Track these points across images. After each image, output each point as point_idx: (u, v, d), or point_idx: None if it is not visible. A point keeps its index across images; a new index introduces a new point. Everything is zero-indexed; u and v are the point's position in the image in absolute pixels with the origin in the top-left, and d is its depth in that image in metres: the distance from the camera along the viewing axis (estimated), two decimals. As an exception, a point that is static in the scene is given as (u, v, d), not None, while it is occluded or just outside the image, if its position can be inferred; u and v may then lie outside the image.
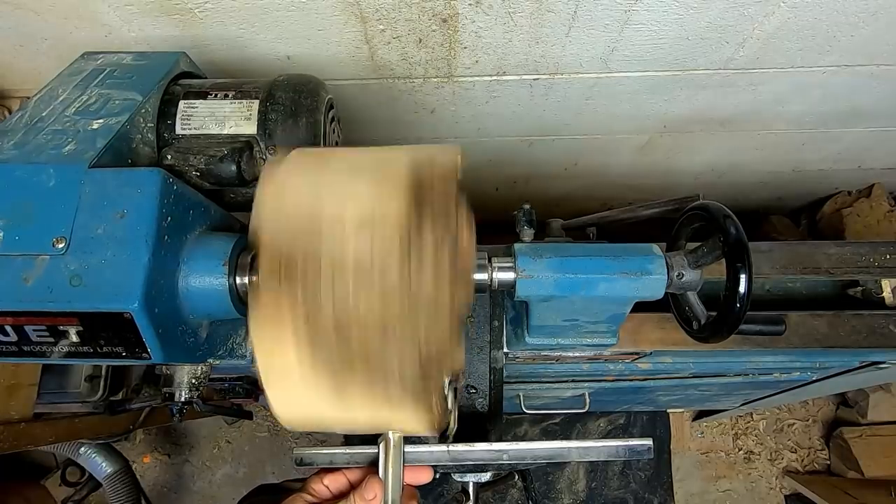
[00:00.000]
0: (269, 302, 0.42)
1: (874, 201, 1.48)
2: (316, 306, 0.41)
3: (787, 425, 2.17)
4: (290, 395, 0.44)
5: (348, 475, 0.56)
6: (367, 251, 0.41)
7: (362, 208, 0.42)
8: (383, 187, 0.43)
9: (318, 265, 0.41)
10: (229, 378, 1.34)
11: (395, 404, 0.45)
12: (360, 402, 0.44)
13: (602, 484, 2.05)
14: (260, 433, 2.18)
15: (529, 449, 0.56)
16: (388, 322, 0.42)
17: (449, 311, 0.44)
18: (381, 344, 0.42)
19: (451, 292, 0.43)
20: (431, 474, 0.56)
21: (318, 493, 0.55)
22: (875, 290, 0.85)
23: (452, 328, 0.45)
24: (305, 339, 0.42)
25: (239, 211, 0.64)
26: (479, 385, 0.72)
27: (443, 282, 0.43)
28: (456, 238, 0.44)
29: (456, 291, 0.44)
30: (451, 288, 0.43)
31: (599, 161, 1.32)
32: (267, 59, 0.86)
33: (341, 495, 0.54)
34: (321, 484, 0.55)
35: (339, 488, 0.55)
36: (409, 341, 0.42)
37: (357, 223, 0.42)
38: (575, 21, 0.79)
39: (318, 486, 0.55)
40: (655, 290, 0.58)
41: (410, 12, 0.77)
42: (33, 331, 0.45)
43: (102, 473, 1.60)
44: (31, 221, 0.45)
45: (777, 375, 1.05)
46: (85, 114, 0.55)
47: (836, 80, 0.96)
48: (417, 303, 0.42)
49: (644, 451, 0.56)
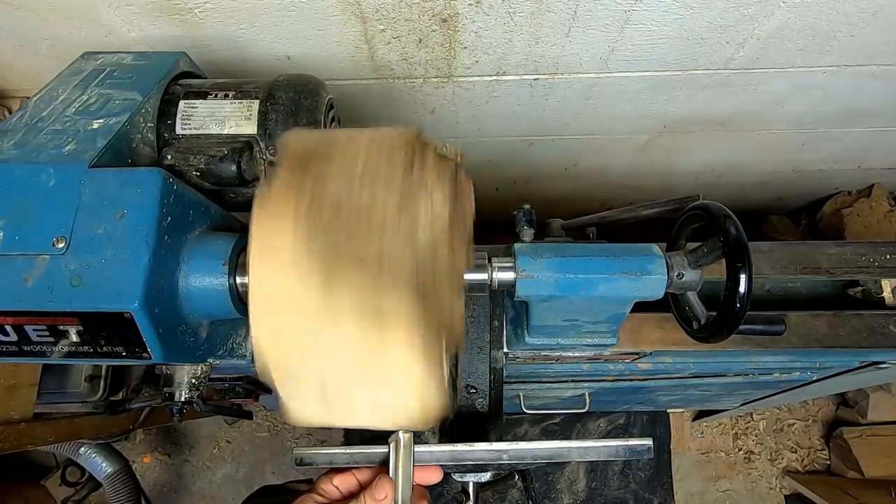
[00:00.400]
0: (278, 187, 0.44)
1: (874, 201, 1.48)
2: (320, 193, 0.43)
3: (787, 425, 2.17)
4: (275, 283, 0.42)
5: (358, 475, 0.56)
6: (375, 158, 0.46)
7: (374, 134, 0.48)
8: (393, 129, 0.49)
9: (330, 164, 0.45)
10: (229, 378, 1.34)
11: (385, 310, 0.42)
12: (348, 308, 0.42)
13: (602, 484, 2.05)
14: (260, 433, 2.18)
15: (529, 449, 0.56)
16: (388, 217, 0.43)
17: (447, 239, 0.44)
18: (378, 237, 0.42)
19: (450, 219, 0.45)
20: (441, 474, 0.56)
21: (328, 493, 0.55)
22: (875, 290, 0.85)
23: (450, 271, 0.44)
24: (305, 220, 0.42)
25: (239, 211, 0.64)
26: (479, 385, 0.72)
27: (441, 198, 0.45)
28: (456, 174, 0.47)
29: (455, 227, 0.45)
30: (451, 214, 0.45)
31: (599, 161, 1.32)
32: (267, 59, 0.86)
33: (351, 495, 0.54)
34: (331, 484, 0.55)
35: (349, 488, 0.55)
36: (405, 242, 0.43)
37: (368, 141, 0.47)
38: (575, 21, 0.79)
39: (328, 486, 0.55)
40: (655, 290, 0.58)
41: (410, 12, 0.77)
42: (33, 331, 0.45)
43: (102, 473, 1.60)
44: (32, 221, 0.45)
45: (777, 375, 1.05)
46: (85, 114, 0.55)
47: (836, 80, 0.96)
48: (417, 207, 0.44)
49: (644, 451, 0.56)
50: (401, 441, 0.52)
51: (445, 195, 0.45)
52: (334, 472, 0.56)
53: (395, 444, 0.52)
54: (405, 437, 0.52)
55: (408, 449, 0.52)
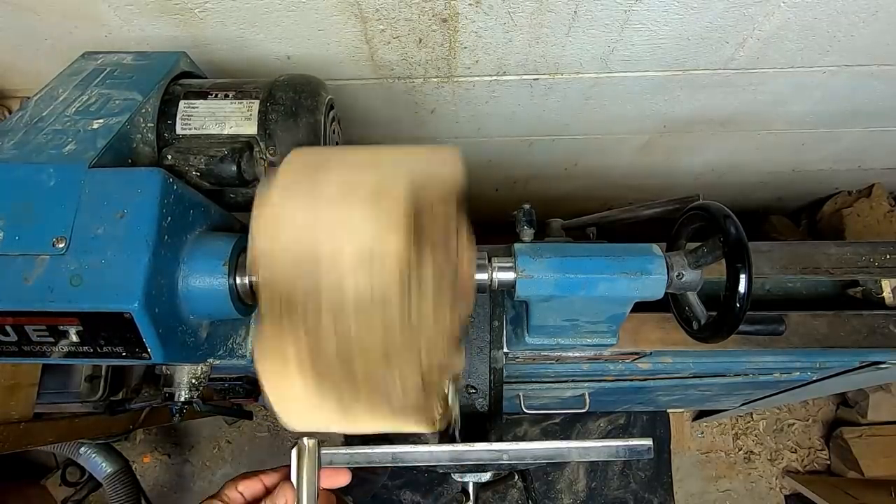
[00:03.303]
0: (273, 337, 0.43)
1: (874, 201, 1.48)
2: (318, 341, 0.42)
3: (787, 425, 2.17)
4: (299, 415, 0.47)
5: (265, 480, 0.55)
6: (367, 288, 0.40)
7: (361, 244, 0.41)
8: (381, 220, 0.41)
9: (319, 303, 0.41)
10: (229, 378, 1.34)
11: (398, 415, 0.46)
12: (365, 418, 0.46)
13: (602, 484, 2.05)
14: (260, 433, 2.18)
15: (529, 449, 0.56)
16: (390, 351, 0.42)
17: (450, 331, 0.45)
18: (383, 369, 0.43)
19: (452, 315, 0.44)
20: (349, 476, 0.56)
21: (232, 499, 0.54)
22: (875, 290, 0.85)
23: (453, 342, 0.45)
24: (310, 370, 0.43)
25: (239, 211, 0.64)
26: (479, 385, 0.72)
27: (443, 309, 0.43)
28: (456, 266, 0.44)
29: (456, 312, 0.45)
30: (452, 312, 0.44)
31: (599, 161, 1.32)
32: (267, 59, 0.86)
33: (255, 501, 0.54)
34: (235, 490, 0.54)
35: (253, 494, 0.55)
36: (410, 363, 0.43)
37: (356, 259, 0.41)
38: (575, 21, 0.79)
39: (233, 492, 0.54)
40: (655, 290, 0.58)
41: (410, 12, 0.77)
42: (33, 331, 0.45)
43: (102, 473, 1.60)
44: (32, 221, 0.45)
45: (777, 375, 1.05)
46: (85, 114, 0.55)
47: (836, 80, 0.96)
48: (419, 331, 0.43)
49: (644, 451, 0.56)
50: (304, 447, 0.51)
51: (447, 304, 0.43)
52: (241, 478, 0.56)
53: (297, 450, 0.52)
54: (309, 444, 0.52)
55: (312, 454, 0.51)
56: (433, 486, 1.98)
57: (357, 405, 0.45)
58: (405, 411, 0.46)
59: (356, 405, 0.45)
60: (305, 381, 0.44)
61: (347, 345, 0.42)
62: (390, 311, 0.41)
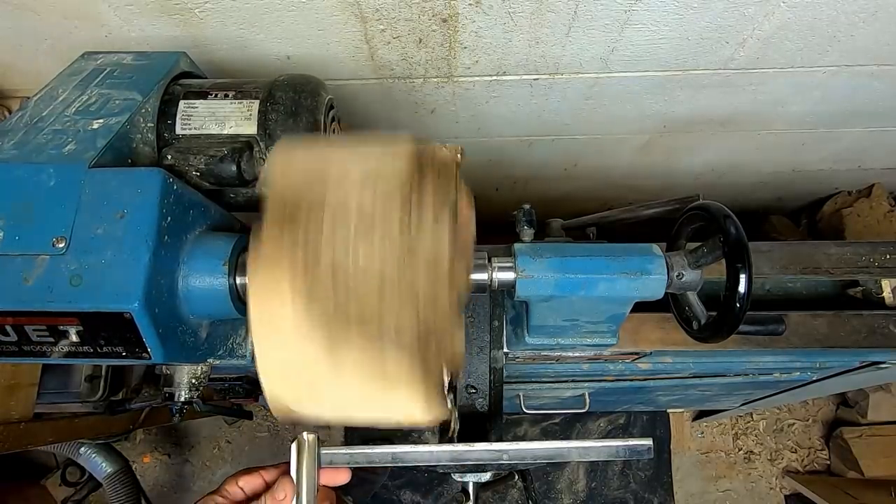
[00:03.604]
0: (271, 247, 0.42)
1: (874, 201, 1.48)
2: (315, 252, 0.41)
3: (787, 425, 2.17)
4: (280, 350, 0.43)
5: (265, 475, 0.55)
6: (370, 202, 0.42)
7: (367, 166, 0.44)
8: (388, 152, 0.45)
9: (322, 213, 0.42)
10: (229, 378, 1.34)
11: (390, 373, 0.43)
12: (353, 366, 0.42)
13: (602, 484, 2.05)
14: (260, 433, 2.18)
15: (529, 449, 0.56)
16: (386, 273, 0.41)
17: (448, 280, 0.43)
18: (377, 298, 0.42)
19: (451, 258, 0.43)
20: (349, 475, 0.56)
21: (232, 494, 0.54)
22: (875, 290, 0.85)
23: (451, 305, 0.44)
24: (302, 286, 0.41)
25: (239, 211, 0.64)
26: (479, 385, 0.72)
27: (441, 242, 0.43)
28: (456, 205, 0.45)
29: (455, 262, 0.44)
30: (451, 252, 0.43)
31: (599, 161, 1.32)
32: (267, 59, 0.86)
33: (255, 496, 0.54)
34: (236, 485, 0.54)
35: (254, 489, 0.55)
36: (406, 299, 0.42)
37: (361, 177, 0.43)
38: (575, 21, 0.79)
39: (233, 487, 0.54)
40: (655, 290, 0.58)
41: (410, 12, 0.77)
42: (33, 331, 0.45)
43: (102, 473, 1.60)
44: (32, 221, 0.45)
45: (777, 375, 1.05)
46: (85, 114, 0.55)
47: (836, 80, 0.96)
48: (416, 258, 0.42)
49: (644, 451, 0.56)
50: (304, 442, 0.51)
51: (446, 235, 0.43)
52: (241, 473, 0.56)
53: (297, 444, 0.51)
54: (309, 438, 0.51)
55: (312, 450, 0.51)
56: (433, 486, 1.98)
57: (345, 344, 0.42)
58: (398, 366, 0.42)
59: (345, 343, 0.42)
60: (296, 298, 0.41)
61: (344, 259, 0.41)
62: (390, 226, 0.42)
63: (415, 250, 0.42)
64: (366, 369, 0.42)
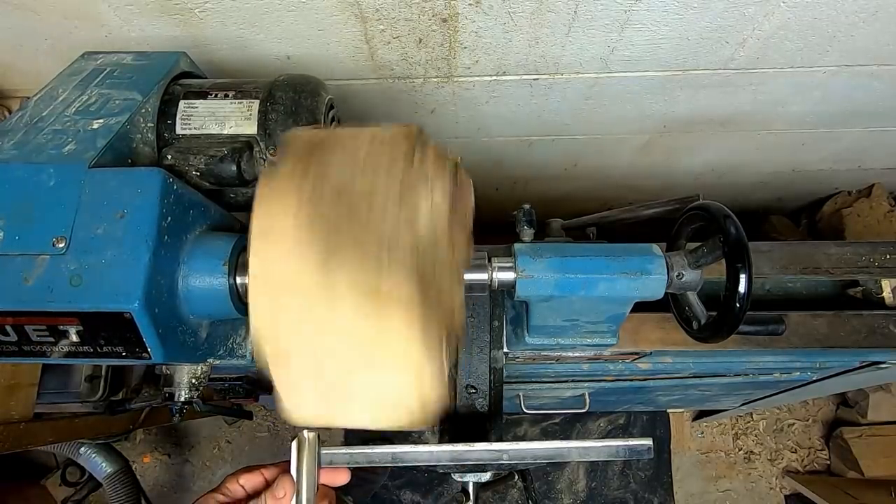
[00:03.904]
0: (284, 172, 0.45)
1: (874, 201, 1.48)
2: (323, 177, 0.44)
3: (787, 425, 2.17)
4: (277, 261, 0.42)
5: (266, 474, 0.55)
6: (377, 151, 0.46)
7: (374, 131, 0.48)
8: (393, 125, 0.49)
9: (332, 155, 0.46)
10: (229, 378, 1.34)
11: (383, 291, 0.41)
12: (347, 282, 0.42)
13: (602, 484, 2.05)
14: (260, 433, 2.18)
15: (529, 449, 0.56)
16: (389, 206, 0.43)
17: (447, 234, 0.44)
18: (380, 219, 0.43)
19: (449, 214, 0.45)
20: (349, 476, 0.56)
21: (233, 492, 0.54)
22: (875, 290, 0.85)
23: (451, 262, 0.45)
24: (307, 202, 0.43)
25: (239, 211, 0.64)
26: (479, 385, 0.72)
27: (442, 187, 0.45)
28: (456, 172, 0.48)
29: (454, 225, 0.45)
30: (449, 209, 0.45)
31: (599, 161, 1.32)
32: (267, 59, 0.86)
33: (256, 494, 0.54)
34: (236, 483, 0.55)
35: (254, 487, 0.55)
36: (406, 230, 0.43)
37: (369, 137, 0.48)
38: (575, 21, 0.79)
39: (234, 485, 0.55)
40: (655, 290, 0.58)
41: (410, 12, 0.77)
42: (33, 330, 0.45)
43: (102, 473, 1.60)
44: (32, 221, 0.45)
45: (777, 375, 1.05)
46: (85, 114, 0.55)
47: (836, 80, 0.96)
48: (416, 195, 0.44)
49: (644, 451, 0.56)
50: (305, 440, 0.51)
51: (446, 188, 0.46)
52: (242, 472, 0.56)
53: (297, 443, 0.51)
54: (310, 437, 0.51)
55: (312, 448, 0.51)
56: (433, 486, 1.98)
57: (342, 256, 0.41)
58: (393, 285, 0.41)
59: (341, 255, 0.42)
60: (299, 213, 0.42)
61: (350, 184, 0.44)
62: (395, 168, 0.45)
63: (416, 189, 0.44)
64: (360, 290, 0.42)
